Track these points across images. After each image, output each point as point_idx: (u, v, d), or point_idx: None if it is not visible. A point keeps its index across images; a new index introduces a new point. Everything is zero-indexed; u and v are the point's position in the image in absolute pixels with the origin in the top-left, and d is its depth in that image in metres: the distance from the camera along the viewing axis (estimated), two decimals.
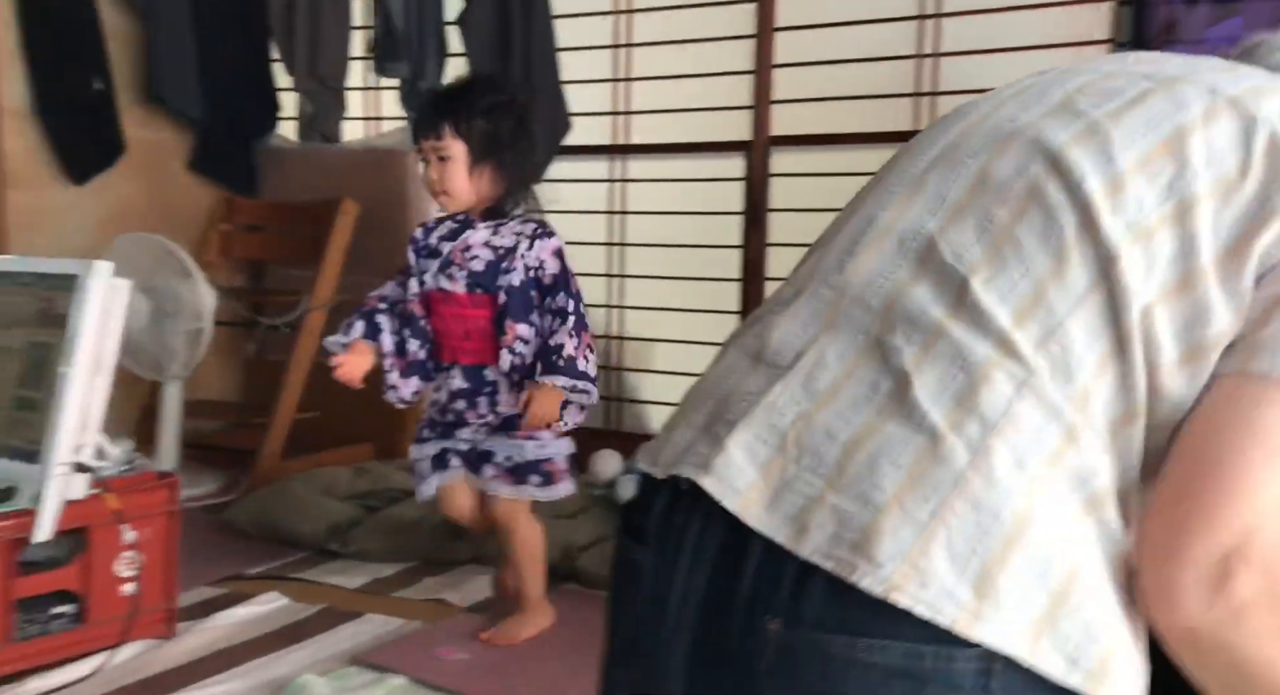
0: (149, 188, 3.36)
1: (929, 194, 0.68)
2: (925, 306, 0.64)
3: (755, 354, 0.69)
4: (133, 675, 1.81)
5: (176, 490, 1.99)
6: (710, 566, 0.63)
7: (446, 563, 2.45)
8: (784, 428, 0.63)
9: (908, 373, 0.62)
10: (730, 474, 0.63)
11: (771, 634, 0.59)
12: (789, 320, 0.69)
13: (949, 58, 2.95)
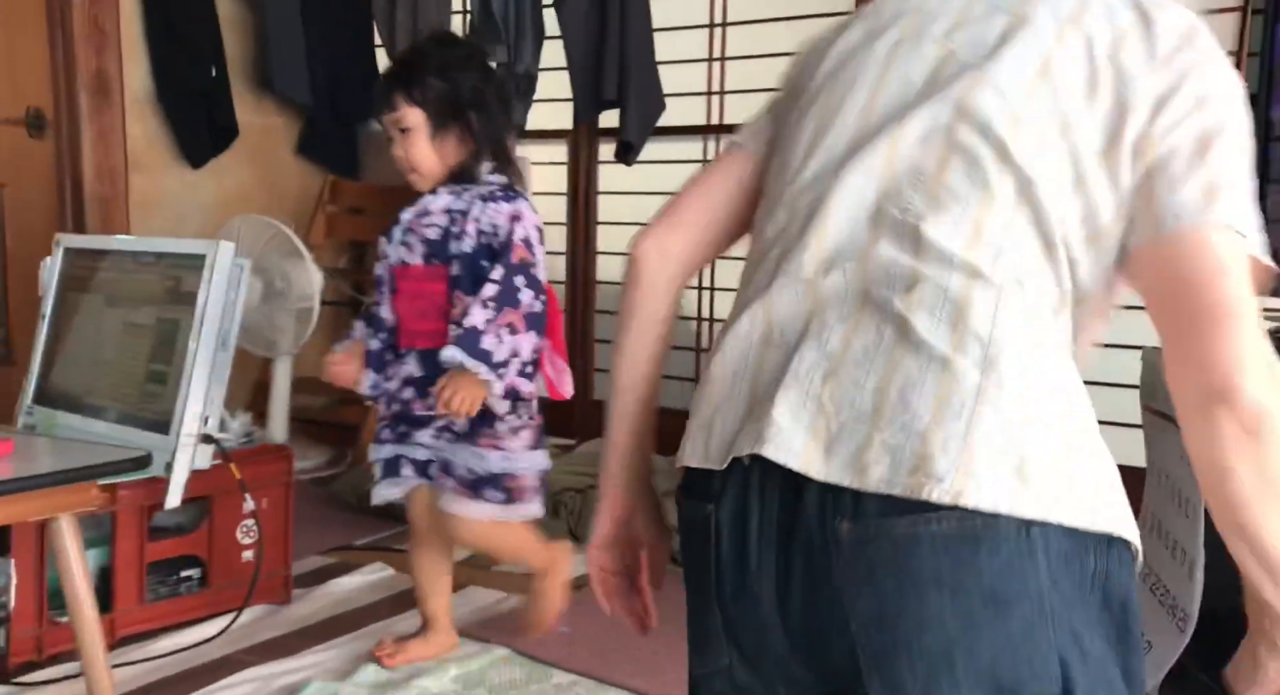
0: (260, 171, 3.48)
1: (859, 169, 0.78)
2: (894, 257, 0.74)
3: (765, 338, 0.78)
4: (254, 637, 1.90)
5: (292, 462, 2.08)
6: (779, 515, 0.73)
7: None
8: (816, 391, 0.73)
9: (903, 315, 0.72)
10: (784, 440, 0.72)
11: (843, 533, 0.69)
12: (780, 302, 0.78)
13: None
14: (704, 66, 3.43)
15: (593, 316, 3.66)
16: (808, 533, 0.71)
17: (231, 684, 1.71)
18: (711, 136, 3.44)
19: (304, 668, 1.78)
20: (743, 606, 0.75)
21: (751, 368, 0.78)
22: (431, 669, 1.76)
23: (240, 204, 3.34)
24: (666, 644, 1.89)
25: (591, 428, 3.62)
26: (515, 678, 1.76)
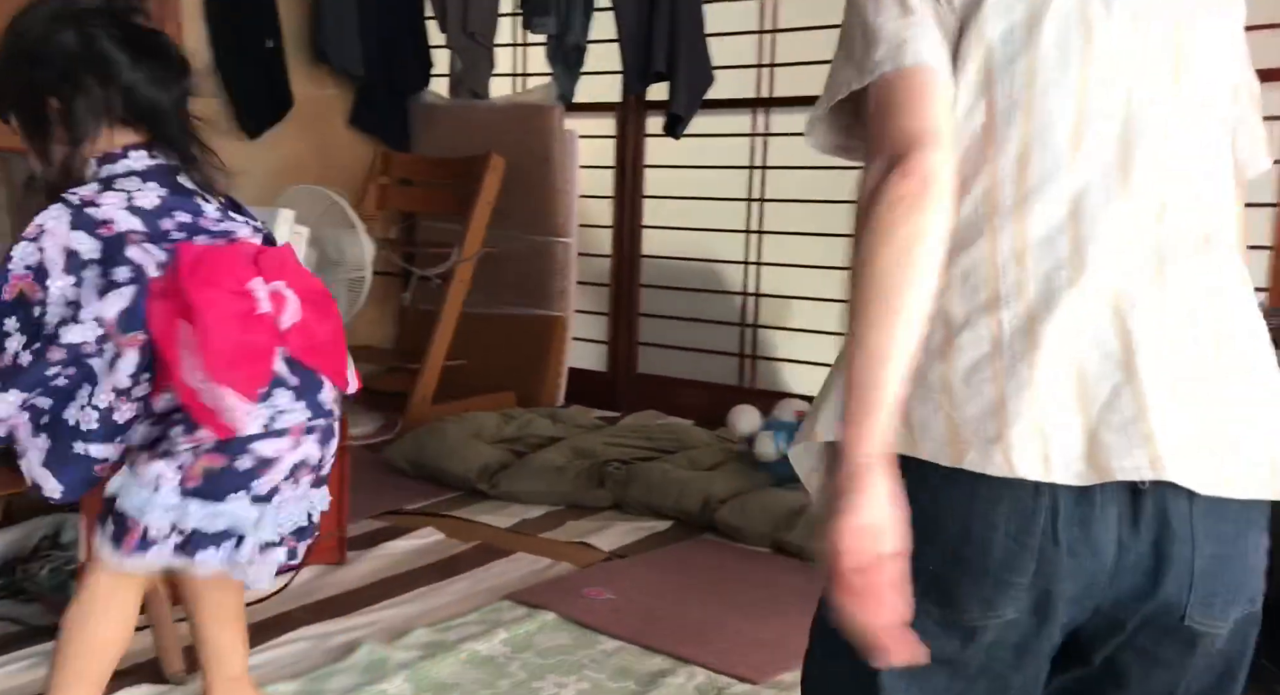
0: (314, 142, 3.53)
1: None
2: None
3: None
4: (311, 596, 1.96)
5: (346, 427, 2.12)
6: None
7: (590, 508, 2.54)
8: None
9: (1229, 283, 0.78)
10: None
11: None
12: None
13: None
14: (754, 38, 3.40)
15: (638, 290, 3.68)
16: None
17: (288, 640, 1.77)
18: (761, 110, 3.41)
19: (357, 627, 1.83)
20: (1078, 559, 0.72)
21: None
22: (481, 632, 1.80)
23: (294, 174, 3.40)
24: (715, 611, 1.93)
25: (636, 400, 3.64)
26: (563, 642, 1.80)
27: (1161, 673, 0.76)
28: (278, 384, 1.26)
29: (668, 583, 2.06)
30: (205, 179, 1.34)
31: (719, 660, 1.72)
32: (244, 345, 1.23)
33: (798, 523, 2.26)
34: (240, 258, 1.27)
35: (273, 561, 1.31)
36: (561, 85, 3.51)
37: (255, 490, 1.26)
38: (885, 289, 0.71)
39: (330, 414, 1.33)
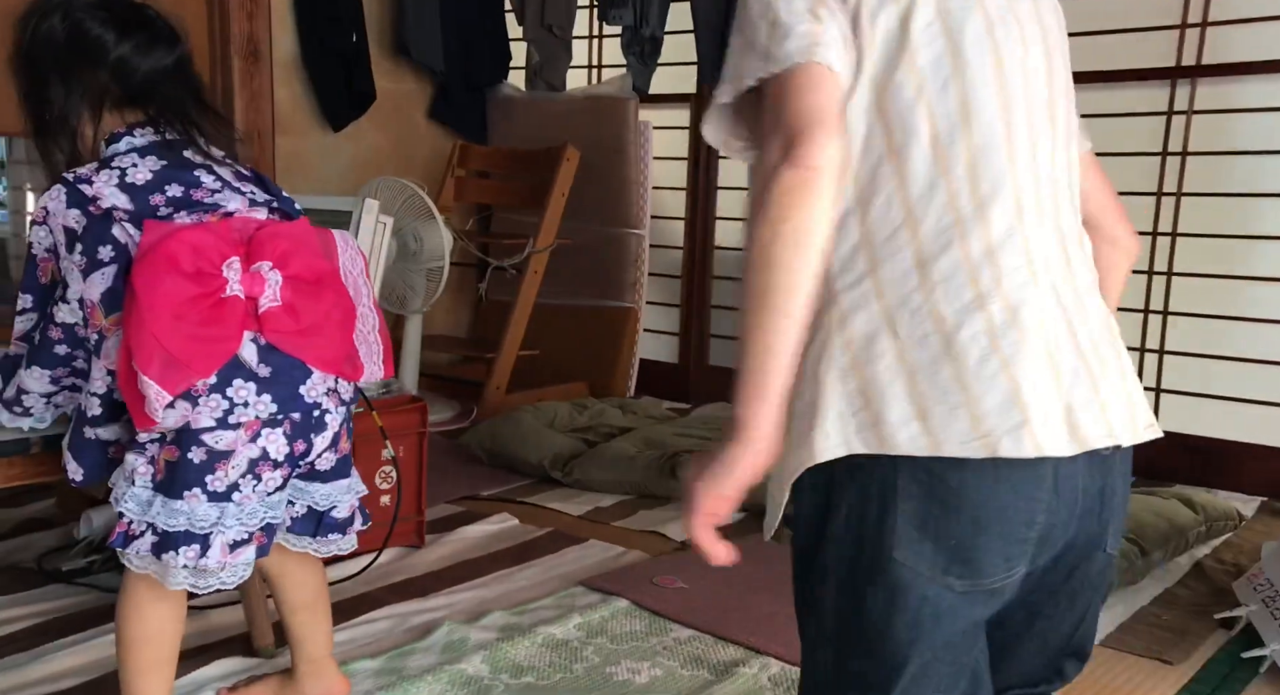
0: (394, 135, 3.61)
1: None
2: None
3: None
4: (392, 577, 2.01)
5: (426, 413, 2.17)
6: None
7: (661, 498, 2.55)
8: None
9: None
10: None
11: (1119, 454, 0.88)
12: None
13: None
14: None
15: (710, 282, 3.67)
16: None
17: (371, 618, 1.82)
18: None
19: (436, 608, 1.88)
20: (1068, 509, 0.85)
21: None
22: (556, 616, 1.83)
23: (375, 167, 3.48)
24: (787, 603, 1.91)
25: (707, 392, 3.64)
26: (636, 629, 1.82)
27: (1089, 593, 0.91)
28: (237, 374, 1.18)
29: (740, 573, 2.05)
30: (212, 148, 1.29)
31: (791, 652, 1.71)
32: (182, 333, 1.14)
33: None
34: (217, 235, 1.19)
35: (245, 561, 1.24)
36: (636, 77, 3.52)
37: (211, 486, 1.20)
38: (780, 278, 0.78)
39: (314, 406, 1.23)
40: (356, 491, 1.38)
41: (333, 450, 1.31)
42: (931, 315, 0.80)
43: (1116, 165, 2.86)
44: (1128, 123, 2.82)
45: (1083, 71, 2.97)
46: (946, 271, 0.80)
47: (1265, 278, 2.64)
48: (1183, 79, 2.74)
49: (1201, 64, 2.71)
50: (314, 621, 1.47)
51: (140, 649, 1.30)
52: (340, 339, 1.26)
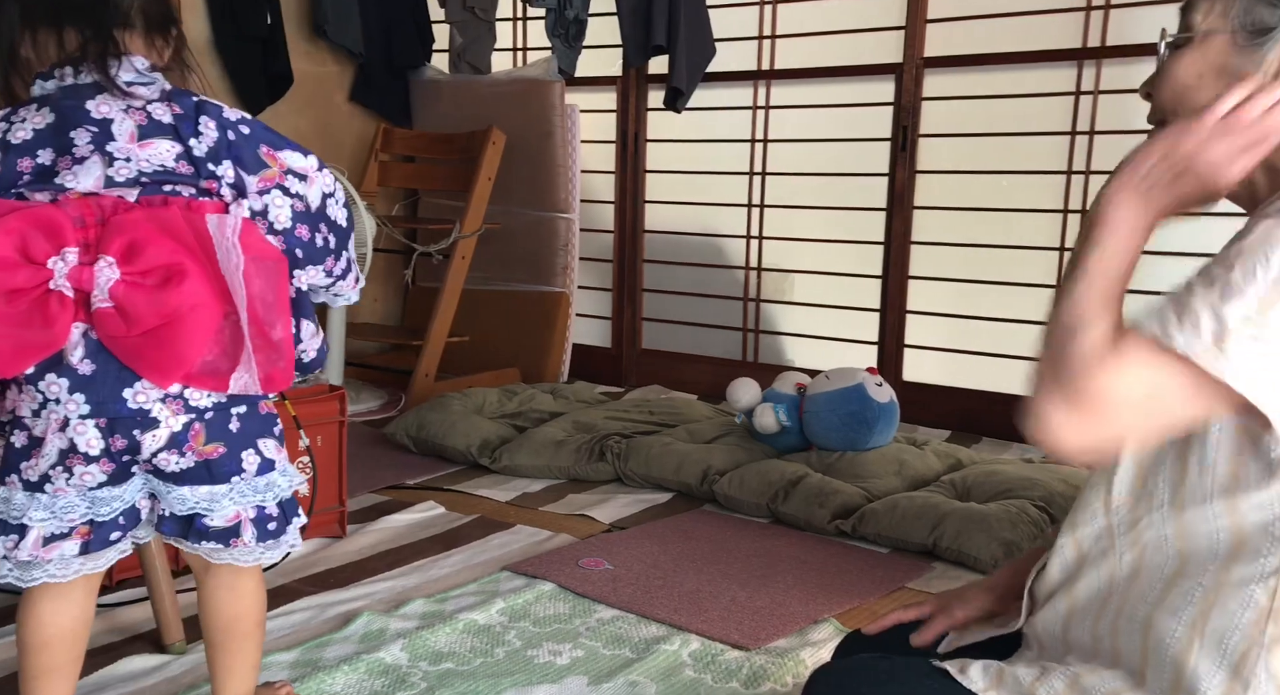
0: (314, 119, 3.53)
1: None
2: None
3: None
4: (311, 568, 1.98)
5: (345, 402, 2.14)
6: None
7: (590, 481, 2.55)
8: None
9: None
10: None
11: None
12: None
13: None
14: (755, 10, 3.37)
15: (641, 265, 3.67)
16: None
17: (289, 610, 1.79)
18: (762, 82, 3.39)
19: (356, 598, 1.85)
20: None
21: None
22: (479, 602, 1.82)
23: None
24: (711, 580, 1.93)
25: (640, 375, 3.65)
26: (560, 612, 1.81)
27: None
28: (54, 369, 1.09)
29: (666, 553, 2.07)
30: (138, 89, 1.12)
31: (713, 627, 1.73)
32: (13, 325, 1.06)
33: (794, 493, 2.26)
34: (55, 221, 1.06)
35: (64, 556, 1.15)
36: (562, 59, 3.49)
37: (25, 474, 1.13)
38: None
39: (141, 411, 1.12)
40: (249, 501, 1.19)
41: (176, 452, 1.15)
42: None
43: (1028, 145, 2.93)
44: (1039, 103, 2.88)
45: (995, 52, 3.06)
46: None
47: (1175, 253, 2.72)
48: (1089, 60, 2.81)
49: (1106, 46, 2.78)
50: (222, 661, 1.29)
51: (36, 653, 1.23)
52: (194, 343, 1.10)
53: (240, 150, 1.13)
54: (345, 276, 1.23)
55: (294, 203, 1.15)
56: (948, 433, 2.98)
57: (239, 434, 1.18)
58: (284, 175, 1.15)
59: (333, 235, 1.19)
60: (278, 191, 1.14)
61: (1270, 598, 0.77)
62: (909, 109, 3.07)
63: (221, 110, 1.15)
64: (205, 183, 1.12)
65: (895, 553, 2.10)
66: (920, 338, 3.14)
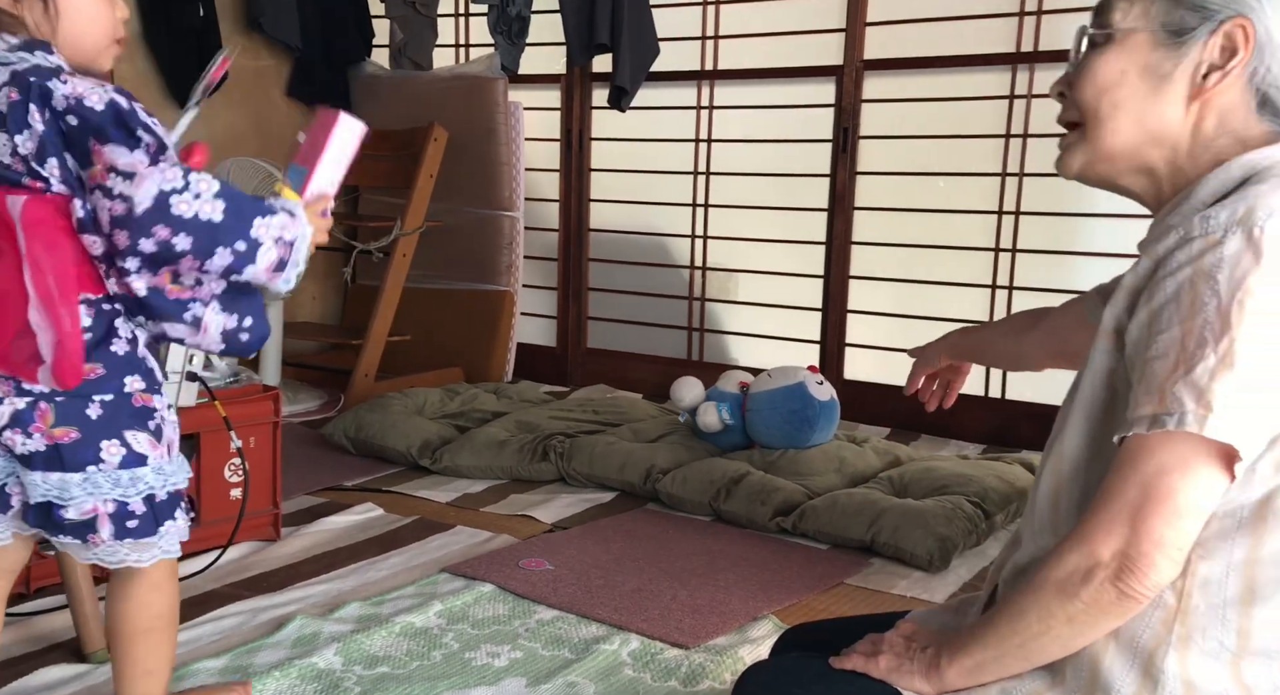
0: (251, 113, 3.46)
1: None
2: None
3: None
4: (242, 573, 1.93)
5: (279, 402, 2.09)
6: None
7: (533, 481, 2.53)
8: None
9: None
10: None
11: None
12: None
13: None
14: (698, 10, 3.38)
15: (586, 264, 3.66)
16: None
17: (219, 615, 1.74)
18: (706, 82, 3.40)
19: (290, 602, 1.81)
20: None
21: None
22: (416, 605, 1.79)
23: (232, 147, 3.32)
24: (653, 579, 1.93)
25: (586, 374, 3.63)
26: (499, 613, 1.79)
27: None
28: None
29: (608, 553, 2.06)
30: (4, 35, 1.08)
31: (653, 626, 1.72)
32: None
33: (737, 491, 2.27)
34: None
35: None
36: (505, 56, 3.47)
37: None
38: (1032, 657, 0.83)
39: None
40: (105, 494, 1.14)
41: (20, 432, 1.11)
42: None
43: (965, 146, 2.98)
44: (975, 106, 2.93)
45: (933, 56, 3.11)
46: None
47: (1099, 253, 2.78)
48: (1023, 64, 2.87)
49: (1039, 50, 2.84)
50: (116, 666, 1.24)
51: None
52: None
53: (70, 144, 1.06)
54: (239, 270, 1.11)
55: (113, 206, 1.05)
56: (887, 430, 3.01)
57: (98, 422, 1.12)
58: (106, 173, 1.05)
59: (184, 235, 1.06)
60: (98, 192, 1.06)
61: (1178, 598, 0.79)
62: (849, 110, 3.10)
63: (53, 95, 1.05)
64: (29, 181, 1.07)
65: (834, 549, 2.11)
66: (861, 337, 3.17)
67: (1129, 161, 0.85)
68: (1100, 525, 0.77)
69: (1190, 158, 0.83)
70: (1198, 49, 0.79)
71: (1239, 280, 0.73)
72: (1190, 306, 0.74)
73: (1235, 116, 0.81)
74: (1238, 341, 0.72)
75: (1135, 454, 0.76)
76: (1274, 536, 0.77)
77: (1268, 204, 0.74)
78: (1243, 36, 0.78)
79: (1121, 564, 0.76)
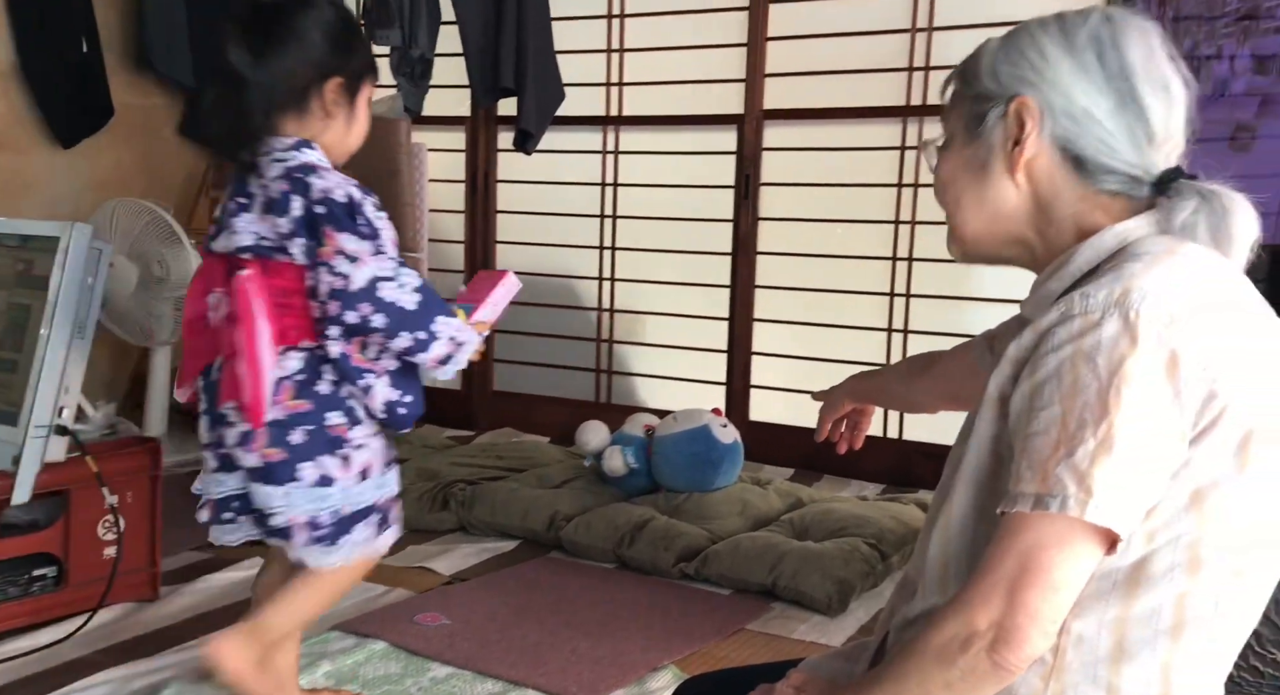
0: (139, 153, 3.34)
1: None
2: None
3: None
4: (115, 637, 1.82)
5: (159, 455, 1.99)
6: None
7: (433, 531, 2.46)
8: None
9: None
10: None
11: None
12: None
13: (941, 32, 2.92)
14: (603, 57, 3.42)
15: None
16: None
17: (83, 687, 1.63)
18: (611, 127, 3.43)
19: (165, 668, 1.70)
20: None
21: None
22: (303, 666, 1.70)
23: (117, 187, 3.20)
24: (553, 631, 1.88)
25: (492, 418, 3.57)
26: (391, 672, 1.72)
27: None
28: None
29: (508, 605, 2.01)
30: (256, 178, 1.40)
31: (551, 681, 1.68)
32: (189, 344, 1.47)
33: (640, 537, 2.24)
34: (215, 268, 1.42)
35: (209, 521, 1.51)
36: (407, 98, 3.43)
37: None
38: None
39: (228, 444, 1.41)
40: (301, 508, 1.40)
41: (244, 449, 1.40)
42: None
43: (860, 194, 3.06)
44: (868, 156, 3.03)
45: (829, 107, 3.19)
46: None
47: (989, 298, 2.88)
48: (912, 116, 2.98)
49: (927, 104, 2.95)
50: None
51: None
52: (237, 374, 1.36)
53: (312, 227, 1.34)
54: (413, 354, 1.37)
55: (333, 281, 1.33)
56: (791, 471, 3.04)
57: (299, 447, 1.37)
58: (334, 254, 1.33)
59: (381, 315, 1.33)
60: (324, 268, 1.33)
61: (1054, 655, 0.81)
62: (751, 158, 3.16)
63: (311, 188, 1.35)
64: (279, 256, 1.36)
65: (736, 594, 2.10)
66: (766, 378, 3.21)
67: (995, 240, 0.92)
68: (978, 595, 0.78)
69: (1048, 222, 0.89)
70: (998, 132, 0.88)
71: (1116, 364, 0.76)
72: (1071, 386, 0.77)
73: (1059, 178, 0.87)
74: (1116, 425, 0.75)
75: (1016, 529, 0.78)
76: (1145, 597, 0.80)
77: (1141, 286, 0.78)
78: (1026, 111, 0.86)
79: (997, 635, 0.77)
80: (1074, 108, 0.85)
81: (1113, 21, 0.86)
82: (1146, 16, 0.89)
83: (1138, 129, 0.85)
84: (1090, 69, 0.85)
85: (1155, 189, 0.86)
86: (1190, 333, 0.76)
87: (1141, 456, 0.75)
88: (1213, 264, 0.83)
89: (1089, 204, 0.87)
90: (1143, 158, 0.85)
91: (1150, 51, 0.85)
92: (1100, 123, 0.85)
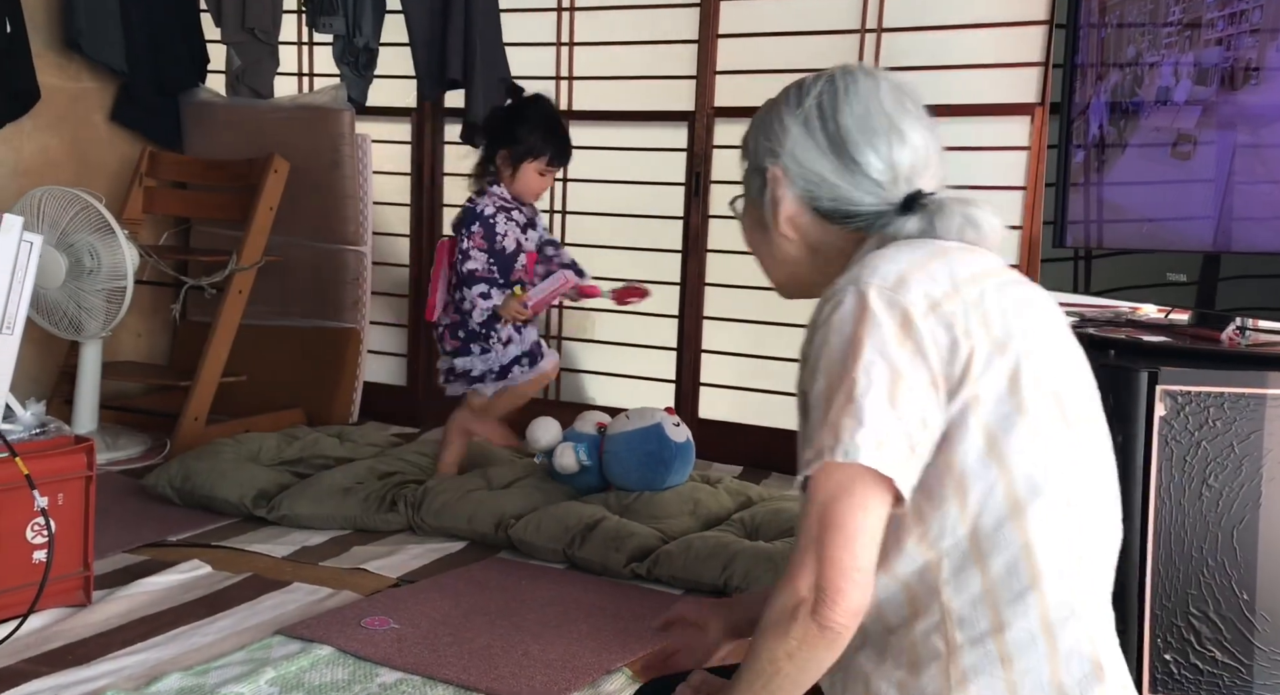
0: (68, 139, 3.20)
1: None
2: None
3: None
4: (45, 644, 1.74)
5: (93, 454, 1.92)
6: None
7: (379, 532, 2.42)
8: None
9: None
10: None
11: None
12: None
13: (890, 33, 2.95)
14: (553, 50, 3.38)
15: None
16: None
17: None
18: None
19: (99, 677, 1.64)
20: None
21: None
22: (245, 673, 1.66)
23: (45, 174, 3.07)
24: (503, 633, 1.86)
25: (438, 414, 3.52)
26: (338, 678, 1.68)
27: None
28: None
29: (457, 607, 1.98)
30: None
31: (503, 685, 1.66)
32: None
33: (591, 537, 2.23)
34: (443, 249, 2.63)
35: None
36: (351, 88, 3.36)
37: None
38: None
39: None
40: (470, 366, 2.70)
41: (442, 339, 2.64)
42: (1055, 687, 0.84)
43: None
44: None
45: None
46: (1070, 643, 0.86)
47: None
48: None
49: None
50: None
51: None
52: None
53: (457, 226, 2.63)
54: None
55: (460, 259, 2.59)
56: (740, 468, 3.05)
57: (464, 338, 2.63)
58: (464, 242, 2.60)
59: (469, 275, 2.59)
60: (459, 251, 2.59)
61: (946, 644, 0.86)
62: (702, 155, 3.16)
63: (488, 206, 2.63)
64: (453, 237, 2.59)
65: (689, 594, 2.10)
66: (715, 376, 3.22)
67: (796, 282, 1.08)
68: (796, 562, 0.84)
69: (826, 262, 1.02)
70: (766, 196, 1.03)
71: (854, 328, 0.87)
72: (826, 358, 0.88)
73: (817, 228, 1.01)
74: (858, 381, 0.84)
75: (810, 492, 0.85)
76: (995, 559, 0.85)
77: (872, 264, 0.90)
78: (774, 180, 1.02)
79: (817, 597, 0.81)
80: (807, 172, 0.99)
81: (834, 84, 1.00)
82: (871, 70, 1.02)
83: (864, 182, 0.97)
84: (815, 135, 0.99)
85: (905, 211, 0.97)
86: (916, 291, 0.87)
87: (886, 404, 0.83)
88: (938, 245, 0.93)
89: (850, 241, 1.00)
90: (882, 196, 0.98)
91: (868, 108, 0.98)
92: (829, 181, 0.98)
